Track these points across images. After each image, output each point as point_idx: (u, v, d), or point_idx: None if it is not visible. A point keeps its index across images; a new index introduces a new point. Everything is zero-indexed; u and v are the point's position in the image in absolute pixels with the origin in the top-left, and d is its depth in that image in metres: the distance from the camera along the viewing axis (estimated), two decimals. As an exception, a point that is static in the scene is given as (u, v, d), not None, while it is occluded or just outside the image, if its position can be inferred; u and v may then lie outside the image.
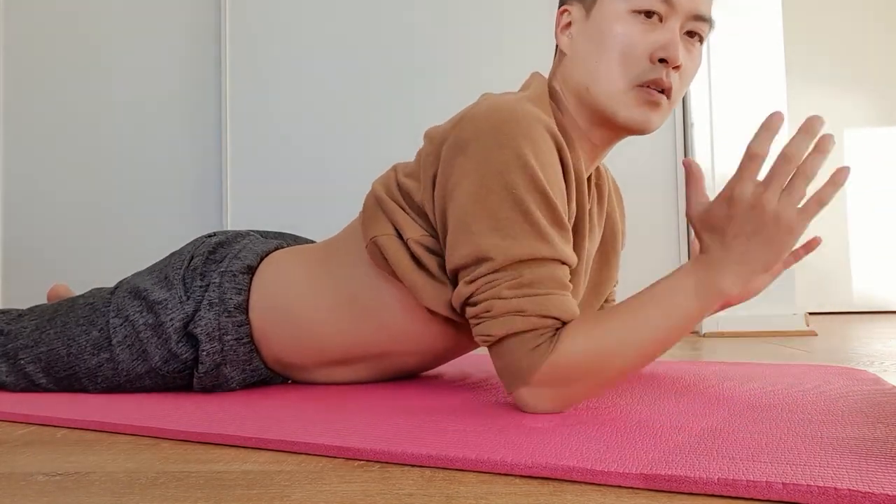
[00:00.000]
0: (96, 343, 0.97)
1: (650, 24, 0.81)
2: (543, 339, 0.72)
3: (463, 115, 0.80)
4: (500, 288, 0.73)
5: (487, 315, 0.74)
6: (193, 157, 2.19)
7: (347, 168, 2.13)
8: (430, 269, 0.84)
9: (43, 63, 2.25)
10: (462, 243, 0.76)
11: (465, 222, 0.76)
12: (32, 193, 2.24)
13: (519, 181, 0.74)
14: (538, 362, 0.71)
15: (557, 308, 0.73)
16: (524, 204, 0.74)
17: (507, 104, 0.77)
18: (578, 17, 0.86)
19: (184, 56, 2.20)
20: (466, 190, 0.76)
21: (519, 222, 0.74)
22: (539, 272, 0.74)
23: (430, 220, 0.84)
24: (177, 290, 0.96)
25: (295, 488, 0.54)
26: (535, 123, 0.76)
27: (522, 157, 0.74)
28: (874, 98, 3.26)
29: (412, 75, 2.13)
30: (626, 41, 0.81)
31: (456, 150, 0.78)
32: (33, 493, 0.54)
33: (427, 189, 0.83)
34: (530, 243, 0.73)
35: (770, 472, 0.50)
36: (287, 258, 0.99)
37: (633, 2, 0.81)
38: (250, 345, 0.96)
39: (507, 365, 0.74)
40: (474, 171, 0.75)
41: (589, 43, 0.84)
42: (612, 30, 0.81)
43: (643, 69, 0.80)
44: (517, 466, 0.56)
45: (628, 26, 0.81)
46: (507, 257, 0.73)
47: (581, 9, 0.86)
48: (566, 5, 0.88)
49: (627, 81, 0.81)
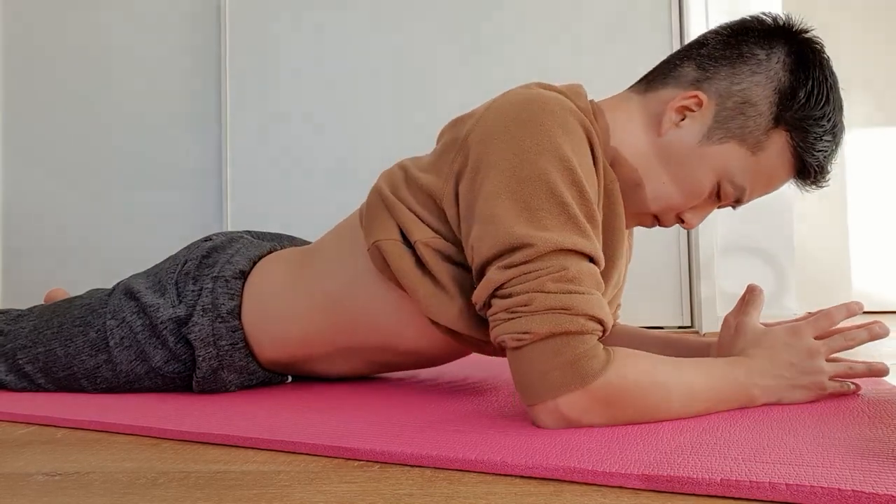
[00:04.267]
0: (94, 344, 0.96)
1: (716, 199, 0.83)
2: (598, 349, 0.66)
3: (491, 103, 0.76)
4: (544, 279, 0.66)
5: (524, 310, 0.66)
6: (193, 157, 2.18)
7: (347, 168, 2.12)
8: (438, 278, 0.78)
9: (43, 63, 2.24)
10: (492, 234, 0.69)
11: (495, 214, 0.69)
12: (32, 194, 2.23)
13: (554, 172, 0.69)
14: (598, 371, 0.65)
15: (601, 310, 0.67)
16: (561, 195, 0.69)
17: (540, 94, 0.73)
18: (703, 125, 0.78)
19: (184, 56, 2.19)
20: (497, 181, 0.70)
21: (555, 213, 0.68)
22: (581, 267, 0.68)
23: (447, 218, 0.78)
24: (170, 295, 0.95)
25: (295, 488, 0.54)
26: (569, 115, 0.72)
27: (558, 148, 0.70)
28: (874, 98, 3.26)
29: (413, 75, 2.13)
30: (696, 194, 0.81)
31: (485, 141, 0.73)
32: (33, 493, 0.54)
33: (449, 182, 0.77)
34: (569, 235, 0.68)
35: (773, 473, 0.50)
36: (277, 261, 0.98)
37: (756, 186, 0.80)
38: (245, 349, 0.95)
39: (546, 368, 0.65)
40: (506, 161, 0.70)
41: (690, 157, 0.79)
42: (708, 179, 0.80)
43: (671, 217, 0.84)
44: (517, 467, 0.56)
45: (711, 189, 0.80)
46: (549, 244, 0.67)
47: (713, 121, 0.78)
48: (706, 93, 0.78)
49: (656, 209, 0.83)
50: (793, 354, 0.74)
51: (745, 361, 0.75)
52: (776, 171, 0.79)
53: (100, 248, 2.20)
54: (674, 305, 2.06)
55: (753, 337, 0.77)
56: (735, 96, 0.77)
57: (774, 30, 0.79)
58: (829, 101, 0.77)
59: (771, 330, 0.77)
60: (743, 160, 0.78)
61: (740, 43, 0.78)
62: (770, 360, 0.74)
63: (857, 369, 0.77)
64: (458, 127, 0.80)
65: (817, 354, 0.75)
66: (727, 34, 0.80)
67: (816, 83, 0.76)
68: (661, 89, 0.82)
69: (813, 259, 3.28)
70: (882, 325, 0.76)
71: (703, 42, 0.81)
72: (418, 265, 0.80)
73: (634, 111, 0.83)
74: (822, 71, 0.77)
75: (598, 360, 0.65)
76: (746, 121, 0.77)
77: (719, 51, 0.79)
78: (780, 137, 0.77)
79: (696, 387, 0.70)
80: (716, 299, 2.00)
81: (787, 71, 0.77)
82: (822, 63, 0.78)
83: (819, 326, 0.76)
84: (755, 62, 0.77)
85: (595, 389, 0.65)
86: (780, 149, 0.78)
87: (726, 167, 0.78)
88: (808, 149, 0.77)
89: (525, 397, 0.68)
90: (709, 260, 2.00)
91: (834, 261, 3.31)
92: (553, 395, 0.65)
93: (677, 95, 0.79)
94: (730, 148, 0.78)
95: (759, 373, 0.74)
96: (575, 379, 0.65)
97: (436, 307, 0.79)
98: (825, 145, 0.77)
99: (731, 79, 0.78)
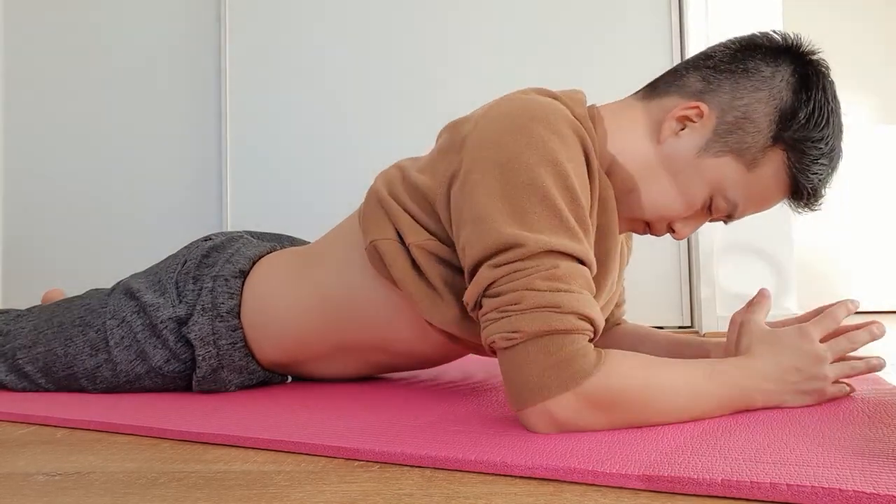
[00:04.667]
0: (94, 344, 0.96)
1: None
2: (588, 348, 0.66)
3: (488, 109, 0.77)
4: (533, 278, 0.66)
5: (514, 308, 0.66)
6: (193, 157, 2.18)
7: (348, 168, 2.12)
8: (431, 280, 0.79)
9: (43, 63, 2.24)
10: (483, 234, 0.69)
11: (487, 215, 0.69)
12: (32, 193, 2.23)
13: (547, 177, 0.69)
14: (589, 371, 0.64)
15: (592, 309, 0.67)
16: (552, 199, 0.69)
17: (535, 101, 0.74)
18: (702, 137, 0.78)
19: (184, 56, 2.19)
20: (490, 185, 0.70)
21: (547, 217, 0.68)
22: (571, 268, 0.68)
23: (441, 219, 0.79)
24: (170, 294, 0.95)
25: (295, 488, 0.54)
26: (563, 123, 0.73)
27: (551, 153, 0.70)
28: (874, 97, 3.26)
29: (413, 75, 2.12)
30: (689, 205, 0.80)
31: (480, 146, 0.73)
32: (33, 493, 0.54)
33: (443, 184, 0.77)
34: (560, 237, 0.68)
35: (773, 473, 0.50)
36: (276, 261, 0.98)
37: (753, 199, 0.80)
38: (245, 349, 0.95)
39: (535, 370, 0.65)
40: (499, 166, 0.70)
41: (686, 167, 0.79)
42: (701, 191, 0.80)
43: (662, 226, 0.84)
44: (517, 467, 0.56)
45: (704, 202, 0.80)
46: (540, 245, 0.67)
47: (712, 134, 0.78)
48: (707, 105, 0.78)
49: (649, 217, 0.83)
50: (799, 359, 0.74)
51: (749, 363, 0.74)
52: (770, 190, 0.79)
53: (100, 247, 2.20)
54: (674, 305, 2.06)
55: (759, 336, 0.76)
56: (736, 110, 0.77)
57: (782, 48, 0.78)
58: (829, 125, 0.76)
59: (778, 331, 0.76)
60: (738, 176, 0.78)
61: (747, 58, 0.78)
62: (776, 363, 0.74)
63: (858, 368, 0.77)
64: (456, 130, 0.80)
65: (824, 360, 0.74)
66: (735, 48, 0.79)
67: (818, 105, 0.76)
68: (665, 97, 0.81)
69: (812, 259, 3.28)
70: (880, 326, 0.76)
71: (711, 54, 0.81)
72: (414, 267, 0.80)
73: (635, 117, 0.83)
74: (825, 94, 0.77)
75: (588, 360, 0.65)
76: (745, 136, 0.76)
77: (725, 64, 0.79)
78: (777, 156, 0.77)
79: (693, 390, 0.69)
80: (716, 299, 2.00)
81: (791, 90, 0.76)
82: (826, 86, 0.77)
83: (824, 327, 0.75)
84: (759, 78, 0.77)
85: (586, 391, 0.64)
86: (775, 168, 0.77)
87: (721, 181, 0.78)
88: (804, 170, 0.77)
89: (516, 402, 0.67)
90: (709, 260, 2.00)
91: (834, 260, 3.31)
92: (543, 397, 0.64)
93: (679, 105, 0.79)
94: (726, 162, 0.77)
95: (762, 376, 0.73)
96: (565, 380, 0.64)
97: (431, 309, 0.79)
98: (820, 168, 0.77)
99: (733, 93, 0.77)
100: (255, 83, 2.15)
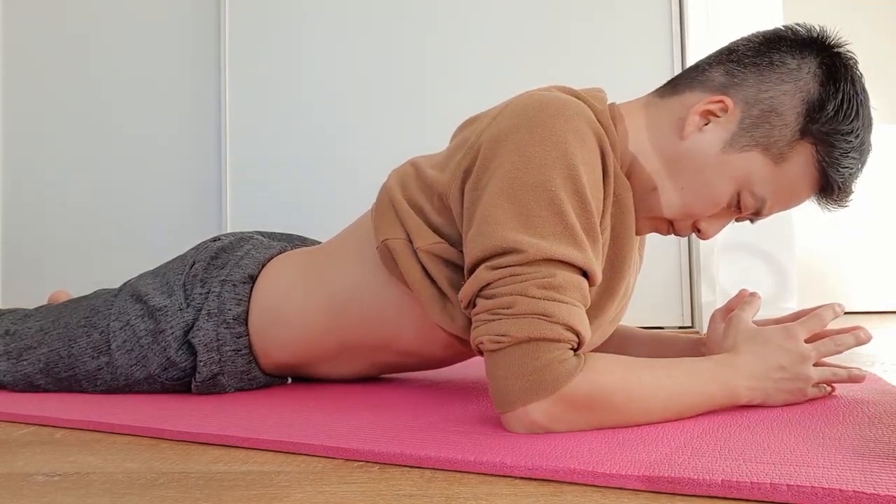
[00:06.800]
0: (96, 346, 0.96)
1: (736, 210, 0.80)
2: (568, 356, 0.66)
3: (506, 106, 0.76)
4: (528, 284, 0.66)
5: (506, 312, 0.66)
6: (193, 158, 2.18)
7: (348, 168, 2.12)
8: (439, 284, 0.78)
9: (43, 64, 2.24)
10: (486, 235, 0.69)
11: (492, 215, 0.69)
12: (32, 194, 2.23)
13: (558, 180, 0.68)
14: (567, 377, 0.65)
15: (581, 323, 0.67)
16: (561, 204, 0.68)
17: (556, 98, 0.72)
18: (727, 131, 0.76)
19: (184, 57, 2.19)
20: (500, 184, 0.70)
21: (552, 223, 0.68)
22: (568, 278, 0.67)
23: (452, 216, 0.78)
24: (177, 297, 0.95)
25: (295, 488, 0.54)
26: (583, 122, 0.71)
27: (566, 155, 0.69)
28: (874, 97, 3.26)
29: (414, 75, 2.12)
30: (715, 203, 0.78)
31: (496, 142, 0.72)
32: (33, 494, 0.54)
33: (456, 179, 0.76)
34: (563, 245, 0.67)
35: (774, 474, 0.50)
36: (285, 262, 0.98)
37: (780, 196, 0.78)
38: (249, 356, 0.95)
39: (517, 374, 0.65)
40: (512, 164, 0.69)
41: (712, 163, 0.76)
42: (727, 187, 0.77)
43: (687, 225, 0.82)
44: (517, 468, 0.55)
45: (731, 199, 0.78)
46: (540, 252, 0.66)
47: (737, 128, 0.76)
48: (732, 99, 0.76)
49: (672, 215, 0.80)
50: (785, 358, 0.74)
51: (734, 360, 0.74)
52: (798, 185, 0.77)
53: (100, 248, 2.20)
54: (674, 306, 2.06)
55: (746, 334, 0.76)
56: (762, 104, 0.75)
57: (807, 41, 0.77)
58: (859, 117, 0.75)
59: (764, 329, 0.76)
60: (765, 170, 0.76)
61: (771, 51, 0.77)
62: (762, 362, 0.74)
63: (840, 375, 0.78)
64: (473, 126, 0.80)
65: (808, 360, 0.75)
66: (759, 42, 0.78)
67: (847, 97, 0.74)
68: (687, 93, 0.79)
69: (812, 259, 3.28)
70: (866, 332, 0.76)
71: (734, 48, 0.79)
72: (423, 269, 0.80)
73: (657, 115, 0.81)
74: (853, 86, 0.75)
75: (566, 365, 0.65)
76: (772, 130, 0.75)
77: (749, 57, 0.77)
78: (806, 150, 0.75)
79: (676, 388, 0.69)
80: (716, 300, 2.00)
81: (818, 83, 0.74)
82: (854, 78, 0.76)
83: (810, 328, 0.76)
84: (785, 70, 0.75)
85: (565, 395, 0.65)
86: (804, 162, 0.75)
87: (748, 176, 0.76)
88: (833, 164, 0.75)
89: (498, 404, 0.67)
90: (709, 260, 2.00)
91: (833, 260, 3.31)
92: (524, 402, 0.65)
93: (703, 99, 0.77)
94: (753, 157, 0.75)
95: (747, 373, 0.73)
96: (544, 385, 0.64)
97: (439, 312, 0.79)
98: (851, 162, 0.75)
99: (758, 86, 0.75)
100: (256, 83, 2.15)
